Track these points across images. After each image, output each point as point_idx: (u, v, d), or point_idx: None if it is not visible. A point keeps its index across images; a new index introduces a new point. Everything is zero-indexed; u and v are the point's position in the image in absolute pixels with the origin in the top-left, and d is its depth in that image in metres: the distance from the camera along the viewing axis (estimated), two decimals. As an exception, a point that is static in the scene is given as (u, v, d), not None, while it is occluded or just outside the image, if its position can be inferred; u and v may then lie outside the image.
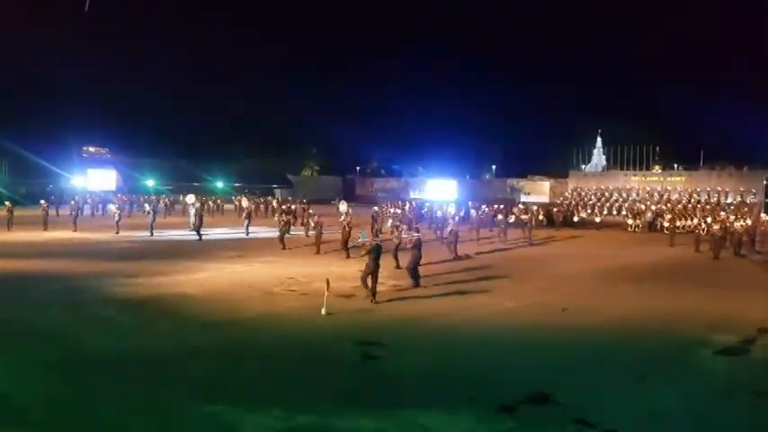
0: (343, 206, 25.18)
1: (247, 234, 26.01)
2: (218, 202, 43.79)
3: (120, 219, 27.23)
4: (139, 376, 7.76)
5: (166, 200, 42.73)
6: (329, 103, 76.79)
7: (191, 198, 31.34)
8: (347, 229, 20.35)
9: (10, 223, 26.26)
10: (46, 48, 55.07)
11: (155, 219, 26.96)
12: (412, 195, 58.24)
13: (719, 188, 43.46)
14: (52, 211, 30.29)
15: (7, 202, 28.04)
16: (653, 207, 38.82)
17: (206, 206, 37.77)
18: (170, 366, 8.20)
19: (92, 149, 68.88)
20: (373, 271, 12.60)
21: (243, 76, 72.36)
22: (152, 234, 25.55)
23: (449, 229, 21.05)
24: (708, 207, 38.32)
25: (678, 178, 47.47)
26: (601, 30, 79.38)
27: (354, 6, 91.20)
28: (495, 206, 36.01)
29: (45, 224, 27.13)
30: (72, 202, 31.00)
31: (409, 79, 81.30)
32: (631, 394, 7.59)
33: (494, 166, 73.74)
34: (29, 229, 26.20)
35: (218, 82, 71.13)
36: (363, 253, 13.28)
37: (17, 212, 27.79)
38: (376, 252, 12.71)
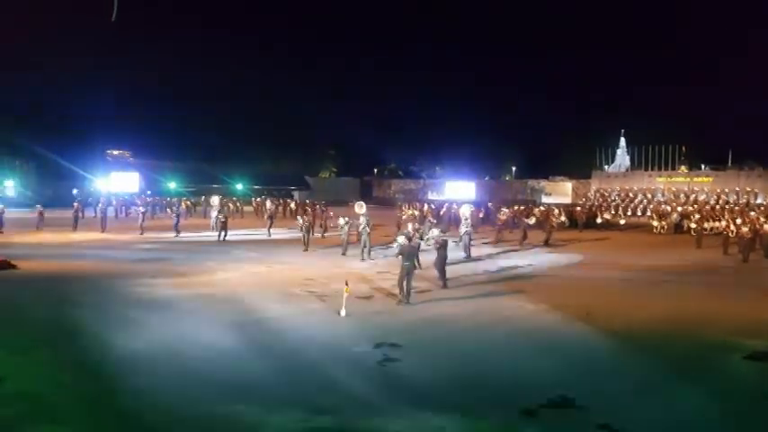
0: (359, 207, 25.11)
1: (270, 235, 26.23)
2: (238, 203, 44.09)
3: (143, 220, 27.68)
4: (161, 376, 7.80)
5: (188, 202, 43.16)
6: (347, 105, 76.98)
7: (215, 200, 31.81)
8: (368, 231, 20.24)
9: (40, 225, 26.85)
10: (72, 54, 56.07)
11: (179, 220, 27.34)
12: (430, 197, 58.06)
13: (748, 189, 42.62)
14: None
15: (38, 206, 28.68)
16: (679, 208, 38.12)
17: (225, 208, 38.12)
18: (192, 366, 8.22)
19: (115, 153, 69.98)
20: (408, 272, 12.51)
21: (262, 79, 72.85)
22: (177, 235, 25.91)
23: (462, 230, 20.93)
24: (736, 208, 37.50)
25: (705, 179, 46.64)
26: (626, 27, 78.46)
27: (372, 7, 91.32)
28: (516, 207, 35.71)
29: (75, 225, 27.63)
30: (99, 205, 31.54)
31: (428, 79, 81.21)
32: (658, 400, 7.40)
33: (514, 167, 73.20)
34: (57, 230, 26.68)
35: (238, 85, 71.77)
36: (397, 253, 13.22)
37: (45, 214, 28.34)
38: (408, 253, 12.65)
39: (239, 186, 61.69)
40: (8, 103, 53.59)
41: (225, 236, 24.50)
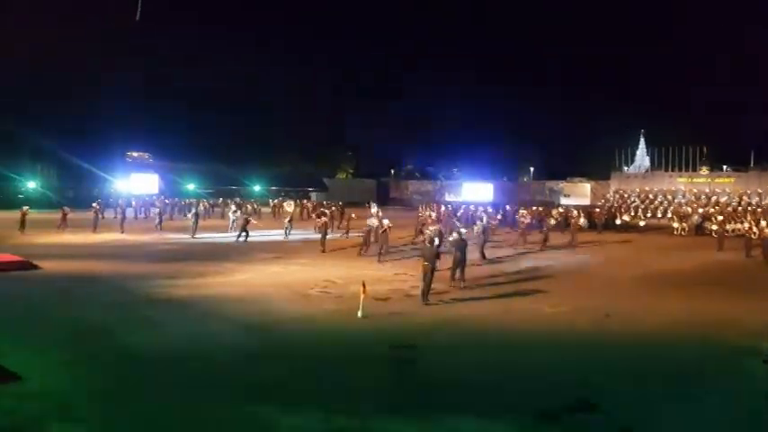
0: (374, 208, 25.11)
1: (287, 237, 26.32)
2: (255, 205, 44.36)
3: (161, 221, 27.98)
4: (180, 375, 7.86)
5: (206, 203, 43.54)
6: (364, 106, 76.95)
7: (236, 202, 32.25)
8: (387, 232, 20.20)
9: (62, 226, 27.19)
10: (91, 55, 56.68)
11: (197, 222, 27.53)
12: (447, 198, 57.90)
13: (772, 190, 41.90)
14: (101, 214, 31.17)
15: (65, 207, 29.06)
16: (700, 210, 37.57)
17: (243, 209, 38.70)
18: (210, 366, 8.26)
19: (135, 154, 70.60)
20: (426, 273, 12.68)
21: (279, 80, 73.14)
22: (194, 236, 26.09)
23: (475, 230, 20.88)
24: (759, 210, 36.85)
25: (727, 180, 45.96)
26: (645, 26, 77.50)
27: (390, 11, 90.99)
28: (534, 209, 35.48)
29: (95, 226, 27.97)
30: (117, 206, 31.97)
31: (444, 80, 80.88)
32: (680, 404, 7.29)
33: (532, 168, 72.73)
34: (78, 231, 27.02)
35: (255, 86, 72.05)
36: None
37: (60, 216, 28.70)
38: (428, 254, 12.81)
39: (257, 188, 62.05)
40: (29, 105, 54.40)
41: (246, 237, 24.58)
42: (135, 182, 58.83)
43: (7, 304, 11.83)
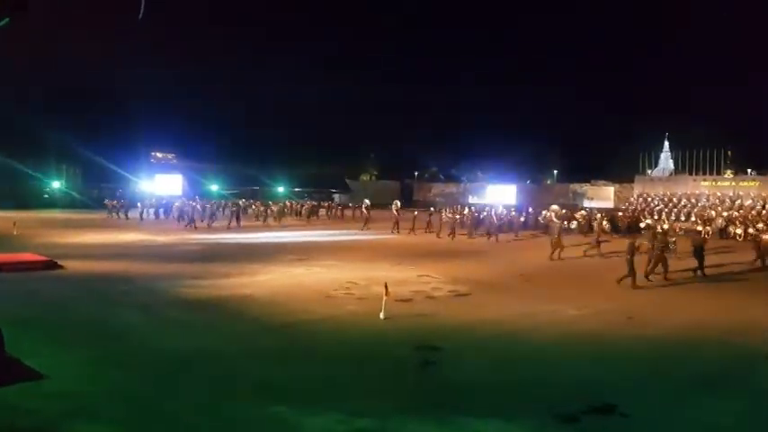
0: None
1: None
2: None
3: (191, 221, 28.76)
4: (203, 376, 7.98)
5: (246, 203, 44.20)
6: (388, 108, 77.10)
7: (366, 202, 36.43)
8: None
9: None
10: (116, 56, 57.50)
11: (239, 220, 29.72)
12: (471, 200, 57.74)
13: (796, 194, 41.09)
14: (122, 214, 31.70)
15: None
16: (724, 213, 37.01)
17: (269, 211, 39.85)
18: (233, 367, 8.39)
19: (159, 155, 71.39)
20: (653, 259, 16.52)
21: (304, 83, 73.61)
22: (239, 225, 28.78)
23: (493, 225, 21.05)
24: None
25: (752, 183, 45.17)
26: (668, 26, 76.41)
27: (413, 9, 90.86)
28: (565, 212, 35.25)
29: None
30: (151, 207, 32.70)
31: (467, 82, 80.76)
32: (701, 408, 7.24)
33: (555, 171, 72.18)
34: (102, 231, 27.48)
35: (279, 87, 72.60)
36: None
37: (84, 216, 29.23)
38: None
39: (281, 189, 62.50)
40: (54, 105, 55.22)
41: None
42: (159, 182, 59.57)
43: (32, 304, 11.94)
